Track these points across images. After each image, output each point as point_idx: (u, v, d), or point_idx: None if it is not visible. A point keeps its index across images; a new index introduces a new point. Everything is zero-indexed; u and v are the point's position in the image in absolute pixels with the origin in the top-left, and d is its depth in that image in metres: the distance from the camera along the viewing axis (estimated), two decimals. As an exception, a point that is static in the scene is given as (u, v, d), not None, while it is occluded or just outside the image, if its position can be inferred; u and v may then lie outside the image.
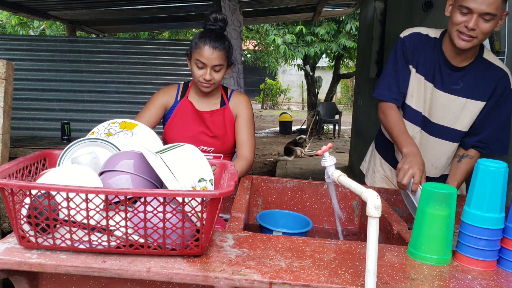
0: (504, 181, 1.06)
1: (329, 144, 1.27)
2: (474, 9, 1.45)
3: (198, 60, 1.73)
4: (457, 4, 1.50)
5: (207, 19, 1.80)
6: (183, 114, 1.88)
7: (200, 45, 1.72)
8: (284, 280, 0.96)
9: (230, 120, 1.91)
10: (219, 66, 1.76)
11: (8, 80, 1.72)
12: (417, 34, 1.71)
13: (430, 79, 1.69)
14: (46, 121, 4.69)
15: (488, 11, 1.44)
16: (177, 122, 1.88)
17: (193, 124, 1.88)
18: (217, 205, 1.02)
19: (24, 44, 4.77)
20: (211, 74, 1.75)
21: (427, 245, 1.10)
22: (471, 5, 1.45)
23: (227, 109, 1.91)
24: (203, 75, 1.75)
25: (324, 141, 10.17)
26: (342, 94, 20.47)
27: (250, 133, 1.90)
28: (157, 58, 4.73)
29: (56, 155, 1.27)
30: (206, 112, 1.88)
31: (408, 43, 1.70)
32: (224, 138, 1.89)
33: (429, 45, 1.69)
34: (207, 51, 1.71)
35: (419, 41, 1.70)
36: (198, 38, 1.75)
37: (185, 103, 1.89)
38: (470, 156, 1.72)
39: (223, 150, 1.91)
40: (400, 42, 1.73)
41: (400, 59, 1.71)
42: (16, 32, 9.01)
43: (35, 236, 1.01)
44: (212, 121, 1.88)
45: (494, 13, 1.45)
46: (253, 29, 10.99)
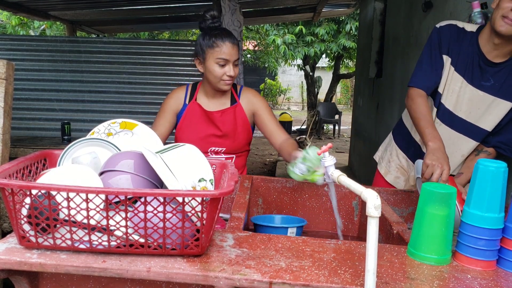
0: (504, 181, 1.06)
1: (329, 144, 1.28)
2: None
3: (220, 58, 1.73)
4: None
5: (206, 18, 1.80)
6: (192, 117, 1.88)
7: (218, 43, 1.73)
8: (284, 280, 0.96)
9: (241, 118, 1.89)
10: (237, 60, 1.78)
11: (9, 80, 1.73)
12: (453, 26, 1.69)
13: (461, 72, 1.67)
14: (47, 121, 4.70)
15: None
16: (187, 125, 1.88)
17: (202, 126, 1.87)
18: (217, 205, 1.02)
19: (24, 44, 4.77)
20: (233, 69, 1.76)
21: (427, 245, 1.10)
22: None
23: (238, 106, 1.89)
24: (227, 71, 1.75)
25: (324, 141, 10.17)
26: (342, 94, 20.47)
27: (275, 120, 1.91)
28: (157, 58, 4.73)
29: (56, 155, 1.27)
30: (216, 112, 1.87)
31: (443, 33, 1.68)
32: (234, 137, 1.88)
33: (465, 37, 1.66)
34: (228, 47, 1.73)
35: (455, 33, 1.67)
36: (213, 37, 1.74)
37: (193, 106, 1.88)
38: (488, 152, 1.70)
39: (234, 149, 1.90)
40: (435, 31, 1.70)
41: (435, 49, 1.69)
42: (16, 32, 9.00)
43: (35, 236, 1.01)
44: (222, 120, 1.87)
45: None
46: (253, 29, 10.99)
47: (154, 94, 4.68)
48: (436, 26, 1.72)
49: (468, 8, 2.18)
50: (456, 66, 1.68)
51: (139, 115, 4.58)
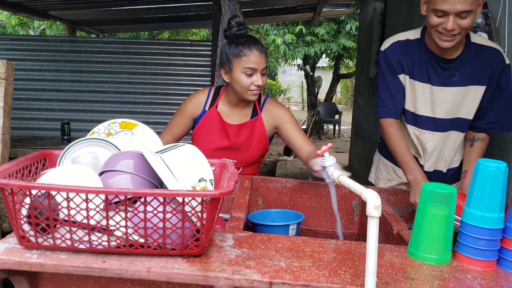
0: (504, 181, 1.06)
1: (329, 144, 1.28)
2: (449, 11, 1.43)
3: (248, 67, 1.66)
4: (430, 8, 1.48)
5: (231, 25, 1.72)
6: (209, 125, 1.81)
7: (246, 52, 1.66)
8: (284, 280, 0.96)
9: (260, 131, 1.83)
10: (265, 69, 1.71)
11: (8, 80, 1.72)
12: (397, 43, 1.68)
13: (425, 80, 1.67)
14: (46, 121, 4.69)
15: (464, 9, 1.42)
16: (202, 133, 1.82)
17: (217, 137, 1.81)
18: (217, 205, 1.02)
19: (24, 44, 4.76)
20: (261, 78, 1.69)
21: (427, 245, 1.10)
22: (444, 7, 1.43)
23: (258, 120, 1.83)
24: (256, 81, 1.68)
25: (324, 141, 10.17)
26: (342, 94, 20.47)
27: (301, 131, 1.85)
28: (157, 58, 4.73)
29: (56, 155, 1.27)
30: (234, 125, 1.81)
31: (390, 55, 1.67)
32: (247, 151, 1.83)
33: (413, 48, 1.66)
34: (256, 55, 1.66)
35: (402, 49, 1.67)
36: (239, 46, 1.67)
37: (213, 113, 1.81)
38: (481, 138, 1.70)
39: (246, 161, 1.85)
40: (382, 56, 1.70)
41: (388, 73, 1.69)
42: (16, 32, 9.00)
43: (35, 236, 1.01)
44: (237, 134, 1.81)
45: (470, 9, 1.42)
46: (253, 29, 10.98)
47: (154, 94, 4.67)
48: (381, 50, 1.72)
49: (468, 8, 2.17)
50: (416, 78, 1.67)
51: (139, 115, 4.57)
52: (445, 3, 1.42)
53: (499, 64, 1.61)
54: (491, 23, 2.02)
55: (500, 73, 1.62)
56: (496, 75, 1.62)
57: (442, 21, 1.47)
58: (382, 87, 1.72)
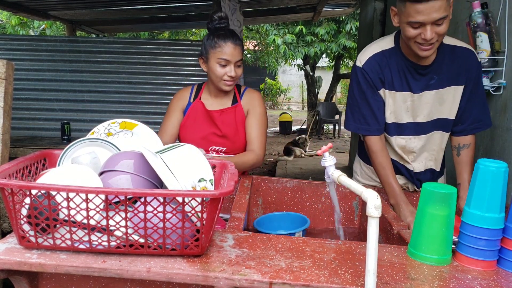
0: (504, 181, 1.06)
1: (329, 144, 1.27)
2: (425, 21, 1.40)
3: (222, 58, 1.75)
4: (405, 21, 1.45)
5: (213, 19, 1.81)
6: (195, 115, 1.89)
7: (221, 44, 1.74)
8: (284, 280, 0.96)
9: (241, 118, 1.89)
10: (240, 61, 1.79)
11: (8, 80, 1.72)
12: (373, 57, 1.63)
13: (406, 89, 1.64)
14: (46, 121, 4.68)
15: (439, 16, 1.39)
16: (190, 123, 1.89)
17: (204, 125, 1.88)
18: (217, 205, 1.02)
19: (24, 44, 4.76)
20: (235, 70, 1.77)
21: (427, 245, 1.10)
22: (420, 18, 1.40)
23: (238, 106, 1.90)
24: (228, 72, 1.77)
25: (324, 141, 10.17)
26: (342, 94, 20.45)
27: (260, 131, 1.88)
28: (157, 58, 4.72)
29: (56, 155, 1.27)
30: (216, 111, 1.88)
31: (369, 71, 1.62)
32: (234, 137, 1.87)
33: (390, 59, 1.62)
34: (230, 47, 1.74)
35: (379, 62, 1.62)
36: (216, 37, 1.76)
37: (197, 104, 1.90)
38: (467, 145, 1.69)
39: (235, 150, 1.89)
40: (360, 72, 1.64)
41: (368, 90, 1.64)
42: (16, 32, 9.00)
43: (35, 236, 1.01)
44: (221, 120, 1.87)
45: (445, 15, 1.40)
46: (253, 29, 10.98)
47: (154, 94, 4.67)
48: (357, 65, 1.66)
49: (468, 8, 2.18)
50: (397, 88, 1.64)
51: (139, 115, 4.56)
52: (420, 14, 1.40)
53: (473, 63, 1.63)
54: (491, 23, 2.02)
55: (475, 73, 1.64)
56: (472, 74, 1.63)
57: (419, 31, 1.44)
58: (363, 104, 1.66)
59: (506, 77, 2.02)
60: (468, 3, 2.18)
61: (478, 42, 2.04)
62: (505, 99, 2.04)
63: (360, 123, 1.69)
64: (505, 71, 2.01)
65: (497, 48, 2.03)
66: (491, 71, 2.08)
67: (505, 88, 2.03)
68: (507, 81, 2.01)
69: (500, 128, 2.07)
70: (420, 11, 1.39)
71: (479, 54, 2.05)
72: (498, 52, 2.03)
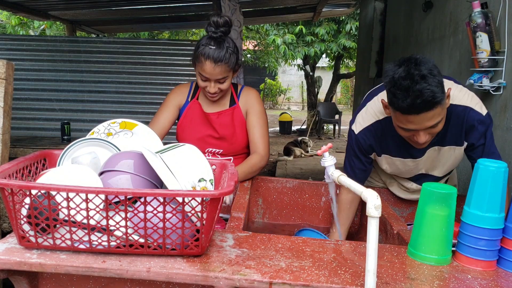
0: (504, 181, 1.06)
1: (329, 144, 1.27)
2: (418, 128, 1.32)
3: (201, 74, 1.70)
4: (395, 123, 1.37)
5: (209, 25, 1.69)
6: (192, 116, 1.86)
7: (201, 59, 1.66)
8: (284, 280, 0.96)
9: (240, 119, 1.86)
10: (223, 79, 1.71)
11: (8, 80, 1.72)
12: (369, 129, 1.55)
13: (405, 156, 1.58)
14: (46, 121, 4.69)
15: (432, 124, 1.31)
16: (187, 124, 1.87)
17: (200, 126, 1.85)
18: (217, 205, 1.02)
19: (24, 44, 4.76)
20: (215, 86, 1.71)
21: (427, 245, 1.10)
22: (411, 127, 1.32)
23: (236, 108, 1.86)
24: (207, 87, 1.72)
25: (324, 141, 10.17)
26: (342, 94, 20.46)
27: (263, 130, 1.84)
28: (157, 58, 4.73)
29: (56, 155, 1.27)
30: (213, 113, 1.84)
31: (362, 141, 1.57)
32: (232, 139, 1.84)
33: (386, 129, 1.52)
34: (209, 67, 1.65)
35: (374, 135, 1.56)
36: (200, 51, 1.67)
37: (194, 104, 1.87)
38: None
39: (232, 152, 1.87)
40: (354, 137, 1.59)
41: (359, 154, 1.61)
42: (16, 32, 8.99)
43: (35, 236, 1.01)
44: (219, 122, 1.84)
45: (439, 120, 1.31)
46: (253, 29, 10.98)
47: (154, 94, 4.67)
48: (353, 130, 1.59)
49: (469, 8, 2.18)
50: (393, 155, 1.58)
51: (139, 115, 4.57)
52: (412, 123, 1.31)
53: (471, 121, 1.47)
54: (491, 23, 2.02)
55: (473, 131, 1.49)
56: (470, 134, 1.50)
57: (412, 134, 1.36)
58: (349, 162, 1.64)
59: (506, 77, 2.02)
60: (468, 3, 2.18)
61: (478, 42, 2.04)
62: (505, 99, 2.04)
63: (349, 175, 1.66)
64: (505, 71, 2.01)
65: (497, 48, 2.03)
66: (491, 71, 2.08)
67: (505, 88, 2.03)
68: (507, 81, 2.01)
69: (500, 128, 2.07)
70: (411, 121, 1.30)
71: (478, 54, 2.05)
72: (498, 52, 2.03)
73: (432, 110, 1.26)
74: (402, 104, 1.26)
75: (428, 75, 1.23)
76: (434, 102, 1.24)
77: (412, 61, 1.26)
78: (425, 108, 1.25)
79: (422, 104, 1.24)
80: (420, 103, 1.23)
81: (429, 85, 1.23)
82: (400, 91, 1.25)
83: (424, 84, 1.23)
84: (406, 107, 1.25)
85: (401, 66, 1.27)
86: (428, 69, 1.24)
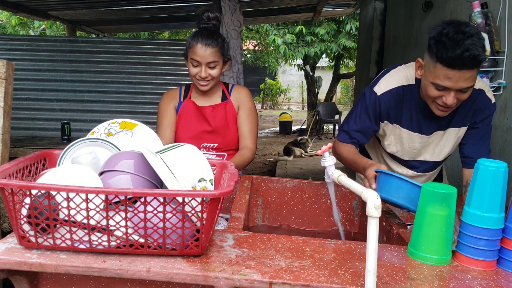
0: (504, 181, 1.06)
1: (329, 144, 1.27)
2: (451, 87, 1.34)
3: (193, 59, 1.77)
4: (431, 80, 1.37)
5: (201, 19, 1.82)
6: (187, 114, 1.90)
7: (193, 44, 1.76)
8: (284, 280, 0.96)
9: (232, 114, 1.91)
10: (213, 63, 1.78)
11: (8, 80, 1.72)
12: (392, 92, 1.56)
13: (414, 129, 1.60)
14: (46, 121, 4.68)
15: (466, 86, 1.33)
16: (182, 122, 1.90)
17: (195, 122, 1.89)
18: (217, 205, 1.02)
19: (24, 44, 4.76)
20: (206, 71, 1.78)
21: (427, 245, 1.10)
22: (447, 84, 1.33)
23: (229, 103, 1.92)
24: (199, 72, 1.78)
25: (324, 141, 10.16)
26: (342, 94, 20.46)
27: (252, 125, 1.92)
28: (157, 58, 4.72)
29: (56, 155, 1.27)
30: (208, 107, 1.90)
31: (383, 104, 1.57)
32: (225, 133, 1.89)
33: (407, 96, 1.56)
34: (200, 49, 1.75)
35: (396, 97, 1.57)
36: (191, 38, 1.79)
37: (188, 103, 1.91)
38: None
39: (226, 146, 1.90)
40: (374, 99, 1.58)
41: (372, 117, 1.61)
42: (16, 32, 8.99)
43: (35, 236, 1.01)
44: (213, 115, 1.89)
45: (471, 85, 1.34)
46: (253, 29, 10.98)
47: (154, 94, 4.67)
48: (374, 91, 1.58)
49: (468, 8, 2.18)
50: (403, 125, 1.60)
51: (139, 115, 4.56)
52: (449, 80, 1.32)
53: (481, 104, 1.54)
54: (491, 23, 2.02)
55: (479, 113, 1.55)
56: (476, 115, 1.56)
57: (441, 94, 1.37)
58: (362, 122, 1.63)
59: (506, 77, 2.02)
60: (468, 3, 2.18)
61: (478, 42, 2.04)
62: (505, 99, 2.04)
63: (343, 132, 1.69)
64: (505, 71, 2.02)
65: (497, 48, 2.03)
66: (491, 71, 2.08)
67: (505, 88, 2.04)
68: (507, 81, 2.01)
69: (500, 128, 2.07)
70: (450, 77, 1.32)
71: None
72: (498, 52, 2.03)
73: (472, 70, 1.30)
74: (450, 54, 1.28)
75: (476, 35, 1.28)
76: (479, 61, 1.28)
77: (462, 22, 1.32)
78: (468, 64, 1.28)
79: (468, 58, 1.27)
80: (467, 56, 1.26)
81: (477, 45, 1.27)
82: (452, 42, 1.28)
83: (475, 40, 1.27)
84: (454, 58, 1.28)
85: (450, 25, 1.31)
86: (476, 31, 1.30)
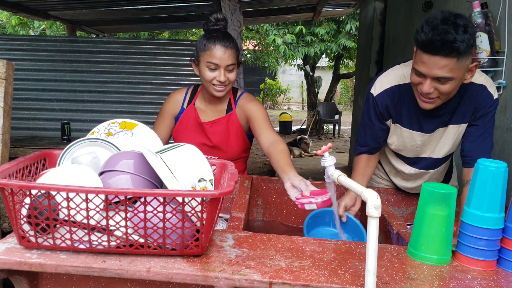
0: (504, 181, 1.06)
1: (329, 144, 1.27)
2: (426, 74, 1.33)
3: (210, 62, 1.65)
4: (413, 65, 1.37)
5: (209, 20, 1.72)
6: (187, 123, 1.84)
7: (210, 46, 1.64)
8: (284, 280, 0.96)
9: (236, 127, 1.83)
10: (232, 66, 1.68)
11: (8, 80, 1.72)
12: (387, 91, 1.56)
13: (415, 128, 1.59)
14: (46, 121, 4.68)
15: (442, 75, 1.30)
16: (182, 130, 1.86)
17: (194, 134, 1.84)
18: (217, 205, 1.02)
19: (24, 44, 4.76)
20: (225, 74, 1.67)
21: (427, 245, 1.10)
22: (422, 69, 1.33)
23: (232, 115, 1.83)
24: (217, 76, 1.67)
25: (324, 141, 10.17)
26: (342, 94, 20.46)
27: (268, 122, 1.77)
28: (157, 58, 4.72)
29: (56, 155, 1.27)
30: (207, 123, 1.82)
31: (380, 104, 1.58)
32: (226, 148, 1.83)
33: (405, 94, 1.55)
34: (219, 51, 1.64)
35: (392, 96, 1.56)
36: (206, 40, 1.66)
37: (190, 110, 1.84)
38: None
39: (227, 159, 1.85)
40: (372, 100, 1.60)
41: (375, 119, 1.62)
42: (16, 32, 8.99)
43: (35, 236, 1.01)
44: (212, 131, 1.82)
45: (449, 77, 1.30)
46: (253, 29, 10.98)
47: (154, 94, 4.67)
48: (371, 93, 1.60)
49: (468, 8, 2.18)
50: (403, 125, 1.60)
51: (139, 115, 4.56)
52: (423, 65, 1.32)
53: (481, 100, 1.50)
54: (491, 23, 2.02)
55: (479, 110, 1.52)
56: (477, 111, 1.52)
57: (420, 80, 1.37)
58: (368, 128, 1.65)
59: (506, 77, 2.02)
60: (468, 3, 2.19)
61: (478, 42, 2.04)
62: (505, 99, 2.04)
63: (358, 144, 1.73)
64: (505, 71, 2.02)
65: (497, 48, 2.03)
66: (491, 71, 2.08)
67: (505, 88, 2.04)
68: (507, 81, 2.02)
69: (500, 128, 2.07)
70: (424, 62, 1.31)
71: (478, 54, 2.05)
72: (498, 52, 2.03)
73: (447, 58, 1.27)
74: (423, 37, 1.28)
75: (461, 26, 1.25)
76: (452, 48, 1.25)
77: (454, 14, 1.29)
78: (441, 51, 1.26)
79: (440, 43, 1.25)
80: (439, 41, 1.25)
81: (456, 33, 1.24)
82: (428, 26, 1.27)
83: (453, 30, 1.24)
84: (426, 41, 1.27)
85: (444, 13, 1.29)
86: (464, 24, 1.26)
